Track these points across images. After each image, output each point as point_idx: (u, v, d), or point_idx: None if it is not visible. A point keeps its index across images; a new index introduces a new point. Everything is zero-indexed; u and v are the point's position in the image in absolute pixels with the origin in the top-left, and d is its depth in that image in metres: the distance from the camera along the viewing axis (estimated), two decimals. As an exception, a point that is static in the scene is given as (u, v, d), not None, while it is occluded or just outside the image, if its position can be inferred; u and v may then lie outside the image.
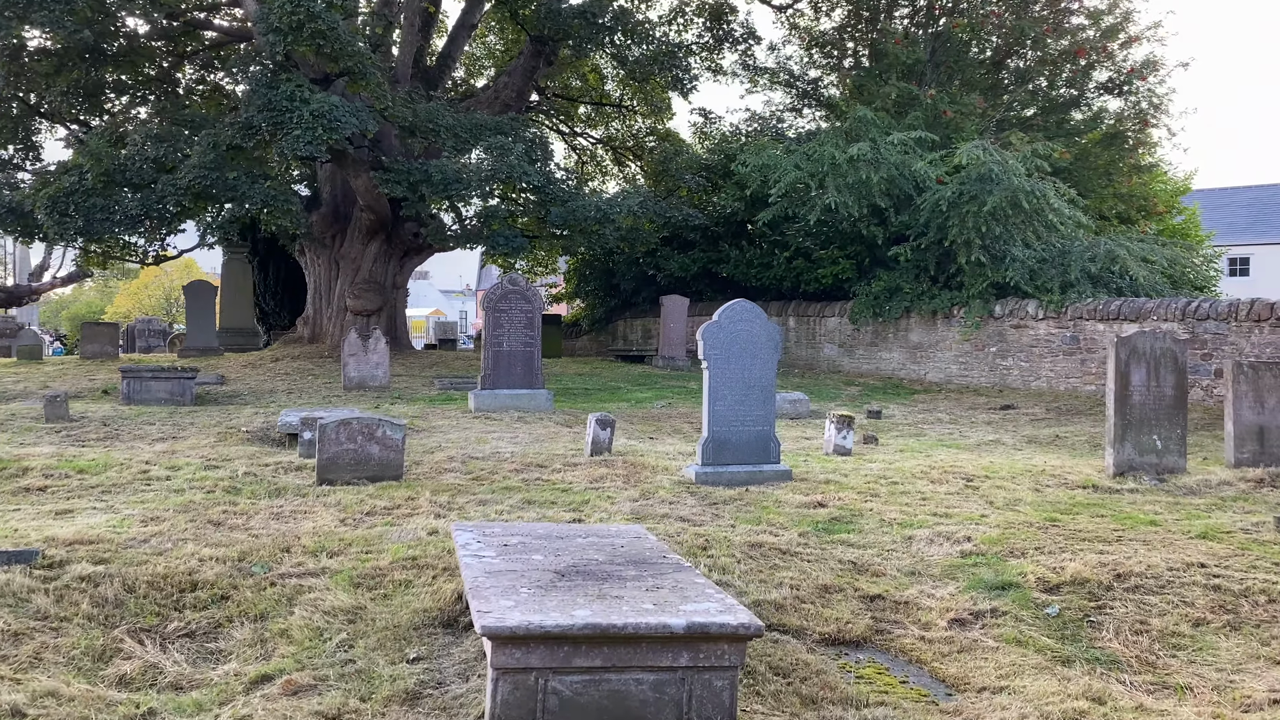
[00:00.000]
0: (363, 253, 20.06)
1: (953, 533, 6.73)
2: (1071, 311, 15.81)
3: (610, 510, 7.03)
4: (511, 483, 7.96)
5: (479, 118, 17.42)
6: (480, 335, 34.10)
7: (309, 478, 7.89)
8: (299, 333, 21.27)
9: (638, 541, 4.72)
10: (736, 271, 21.46)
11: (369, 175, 17.55)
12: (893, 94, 18.36)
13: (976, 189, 16.14)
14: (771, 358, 8.35)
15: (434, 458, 9.01)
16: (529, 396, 12.49)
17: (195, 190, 14.87)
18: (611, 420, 9.40)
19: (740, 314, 8.28)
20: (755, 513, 7.20)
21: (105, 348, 20.21)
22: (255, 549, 5.64)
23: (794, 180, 17.46)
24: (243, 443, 10.02)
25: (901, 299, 18.11)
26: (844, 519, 7.11)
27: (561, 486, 7.86)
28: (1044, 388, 16.20)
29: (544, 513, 6.93)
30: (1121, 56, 19.46)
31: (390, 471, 7.83)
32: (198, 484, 7.51)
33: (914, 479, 8.58)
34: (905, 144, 16.95)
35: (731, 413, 8.25)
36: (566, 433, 11.28)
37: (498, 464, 8.74)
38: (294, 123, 14.17)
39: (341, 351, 15.30)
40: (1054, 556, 6.24)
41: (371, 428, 7.74)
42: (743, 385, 8.27)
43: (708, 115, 23.14)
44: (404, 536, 6.04)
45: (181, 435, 10.49)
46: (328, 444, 7.68)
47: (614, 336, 26.12)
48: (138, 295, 65.37)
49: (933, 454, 10.39)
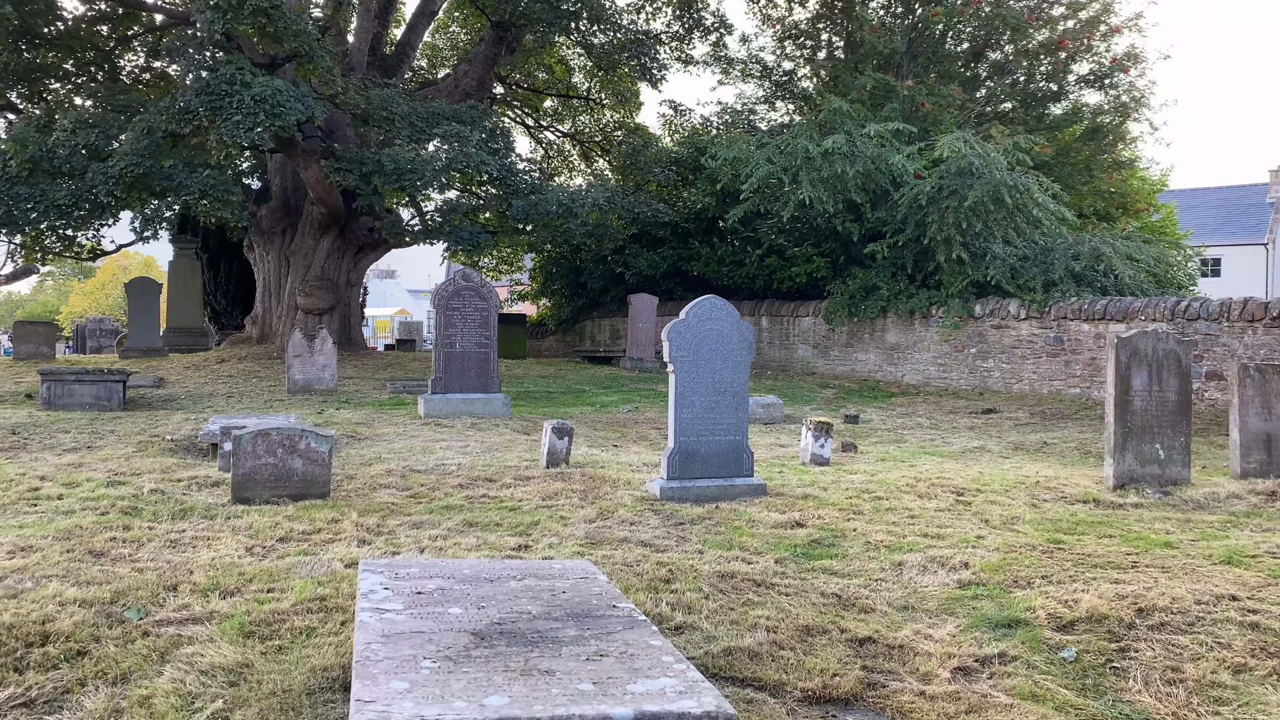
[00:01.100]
0: (314, 248, 19.07)
1: (948, 558, 5.96)
2: (1055, 311, 15.17)
3: (561, 534, 6.20)
4: (454, 500, 7.10)
5: (437, 106, 16.51)
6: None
7: (224, 495, 6.99)
8: (248, 333, 20.24)
9: (584, 584, 3.90)
10: (708, 270, 20.68)
11: (320, 166, 16.60)
12: (869, 85, 17.66)
13: (956, 183, 15.46)
14: (744, 359, 7.56)
15: (371, 471, 8.13)
16: (484, 401, 11.62)
17: (128, 180, 13.84)
18: (569, 429, 8.57)
19: (709, 312, 7.48)
20: (726, 535, 6.40)
21: (41, 348, 19.08)
22: (135, 588, 4.76)
23: (766, 174, 16.71)
24: (162, 454, 9.08)
25: (878, 298, 17.41)
26: (825, 541, 6.33)
27: (510, 505, 7.02)
28: (1026, 390, 15.55)
29: (485, 537, 6.08)
30: (1103, 48, 18.88)
31: (315, 489, 6.95)
32: (92, 504, 6.59)
33: (900, 493, 7.82)
34: (882, 136, 16.25)
35: (700, 421, 7.45)
36: (523, 441, 10.43)
37: (441, 478, 7.88)
38: (234, 107, 13.19)
39: (286, 352, 14.35)
40: (1064, 587, 5.49)
41: (294, 440, 6.86)
42: (713, 390, 7.47)
43: (677, 107, 22.32)
44: (315, 570, 5.17)
45: (97, 445, 9.53)
46: (244, 458, 6.79)
47: (581, 337, 25.26)
48: (94, 294, 63.69)
49: (916, 463, 9.65)
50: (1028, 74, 20.08)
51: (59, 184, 14.29)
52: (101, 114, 14.97)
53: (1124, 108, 19.01)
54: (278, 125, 13.39)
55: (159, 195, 14.14)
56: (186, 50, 14.07)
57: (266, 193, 19.67)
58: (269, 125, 13.24)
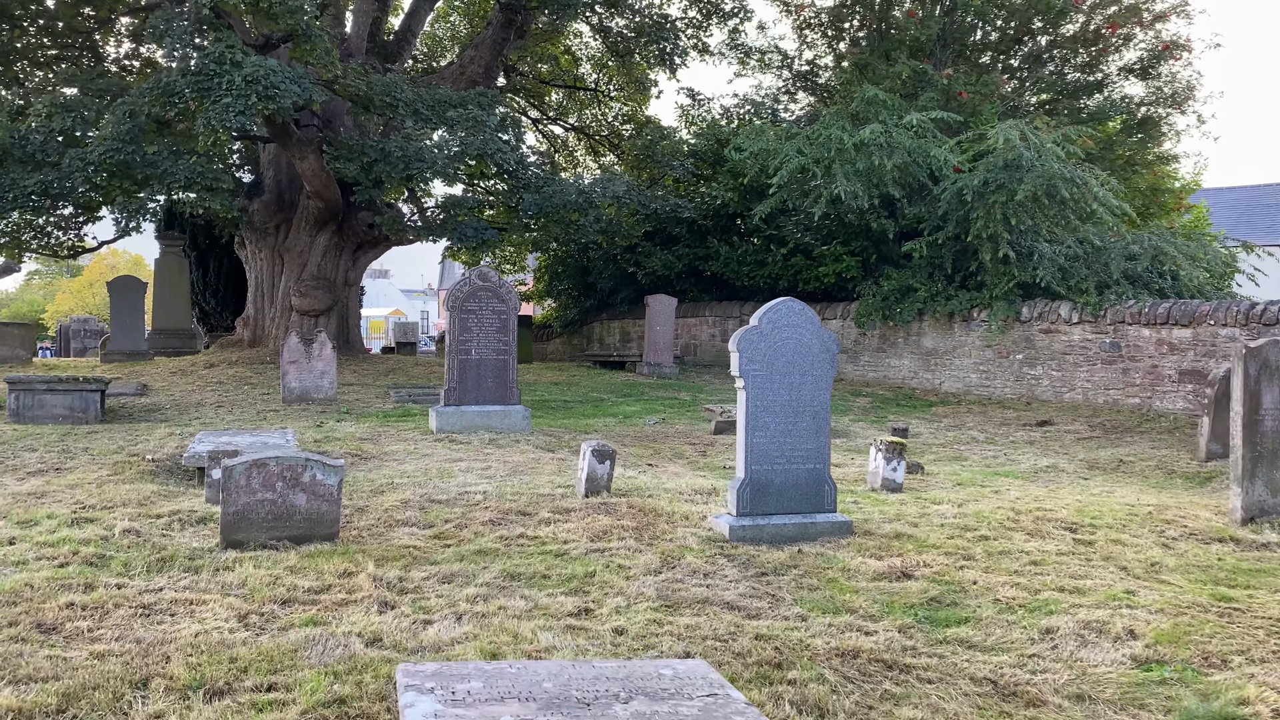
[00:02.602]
0: (310, 246, 17.88)
1: (1104, 622, 4.84)
2: (1111, 315, 14.07)
3: (626, 592, 5.05)
4: (486, 542, 5.94)
5: (443, 93, 15.34)
6: (443, 337, 31.91)
7: (212, 537, 5.82)
8: (239, 335, 19.02)
9: (714, 709, 2.74)
10: (727, 269, 19.54)
11: (317, 156, 15.41)
12: (904, 73, 16.52)
13: (1004, 177, 14.34)
14: (826, 373, 6.43)
15: (384, 501, 6.96)
16: (502, 414, 10.46)
17: (107, 167, 12.64)
18: (611, 452, 7.42)
19: (787, 317, 6.34)
20: (824, 591, 5.26)
21: (16, 351, 17.83)
22: (92, 687, 3.59)
23: (797, 167, 15.56)
24: (141, 478, 7.90)
25: (914, 300, 16.29)
26: (946, 599, 5.20)
27: (554, 548, 5.86)
28: (1079, 400, 14.45)
29: (534, 597, 4.93)
30: (1150, 35, 17.79)
31: (322, 529, 5.79)
32: (50, 552, 5.41)
33: (1004, 530, 6.69)
34: (923, 126, 15.12)
35: (775, 446, 6.31)
36: (549, 460, 9.28)
37: (467, 511, 6.72)
38: (223, 89, 11.99)
39: (281, 357, 13.17)
40: (1270, 667, 4.37)
41: (296, 471, 5.70)
42: (789, 410, 6.33)
43: (696, 96, 21.11)
44: (329, 653, 4.01)
45: (66, 467, 8.34)
46: (236, 493, 5.62)
47: (589, 339, 24.09)
48: (80, 293, 62.17)
49: (997, 487, 8.54)
50: (1063, 63, 18.98)
51: (31, 173, 13.08)
52: (80, 98, 13.75)
53: (1171, 98, 17.92)
54: (271, 108, 12.19)
55: (141, 184, 12.93)
56: (172, 28, 12.87)
57: (259, 186, 18.46)
58: (262, 108, 12.05)
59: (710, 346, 20.55)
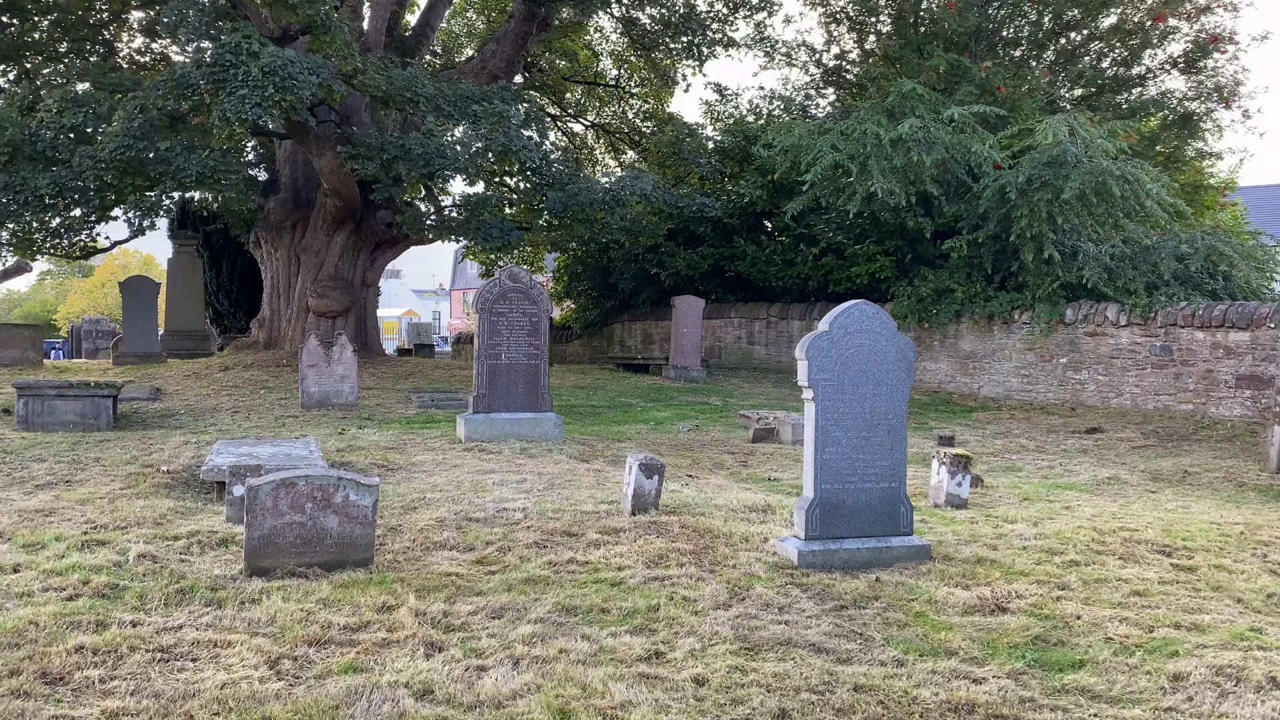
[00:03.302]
0: (327, 245, 17.40)
1: (1238, 667, 4.29)
2: (1162, 317, 13.49)
3: (699, 631, 4.52)
4: (534, 569, 5.43)
5: (465, 88, 14.84)
6: (460, 338, 31.33)
7: (235, 562, 5.32)
8: (253, 337, 18.56)
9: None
10: (754, 270, 19.00)
11: (334, 153, 14.92)
12: (940, 66, 15.95)
13: (1049, 174, 13.77)
14: (903, 383, 5.89)
15: (417, 519, 6.45)
16: (533, 422, 9.95)
17: (119, 164, 12.16)
18: (659, 467, 6.90)
19: (859, 322, 5.81)
20: (915, 628, 4.73)
21: (26, 353, 17.39)
22: (103, 755, 3.08)
23: (831, 163, 15.01)
24: (156, 491, 7.40)
25: (951, 301, 15.73)
26: (1052, 638, 4.66)
27: (609, 576, 5.34)
28: (1128, 406, 13.87)
29: (597, 637, 4.41)
30: (1194, 28, 17.18)
31: (355, 554, 5.28)
32: (58, 581, 4.91)
33: (1093, 554, 6.14)
34: (963, 121, 14.55)
35: (846, 463, 5.78)
36: (585, 471, 8.76)
37: (509, 531, 6.20)
38: (239, 80, 11.50)
39: (300, 361, 12.69)
40: None
41: (327, 491, 5.19)
42: (862, 423, 5.80)
43: (723, 91, 20.55)
44: (376, 712, 3.50)
45: (76, 479, 7.86)
46: (262, 515, 5.12)
47: (609, 341, 23.58)
48: (93, 293, 61.92)
49: (1069, 504, 7.98)
50: (1100, 57, 18.39)
51: (43, 172, 12.62)
52: (92, 93, 13.29)
53: (1215, 92, 17.31)
54: (290, 100, 11.70)
55: (153, 182, 12.46)
56: (186, 19, 12.39)
57: (275, 183, 17.99)
58: (279, 100, 11.55)
59: (736, 349, 20.02)
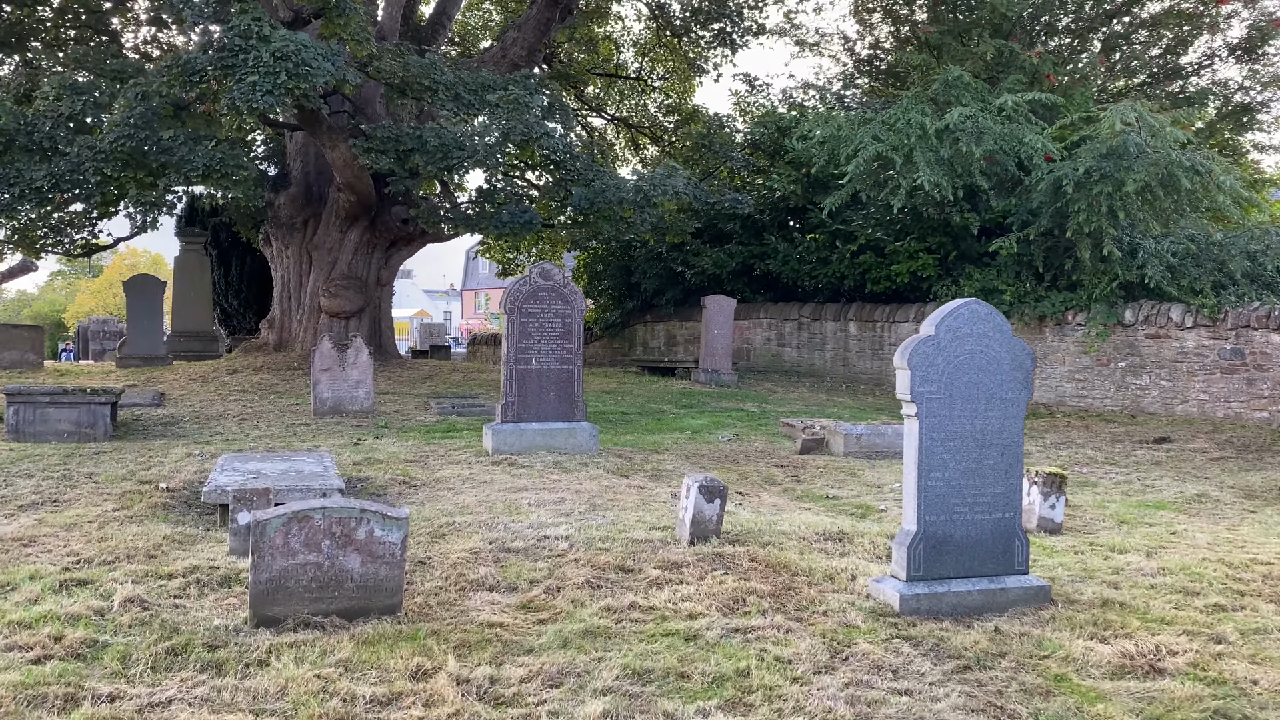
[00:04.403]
0: (340, 242, 16.61)
1: None
2: (1233, 318, 12.60)
3: (808, 707, 3.68)
4: (591, 616, 4.59)
5: (485, 76, 14.03)
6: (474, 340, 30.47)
7: (238, 609, 4.50)
8: (263, 338, 17.79)
9: None
10: (785, 268, 18.14)
11: (348, 145, 14.12)
12: (988, 53, 15.06)
13: (1109, 165, 12.88)
14: (1019, 396, 5.05)
15: (448, 550, 5.63)
16: (566, 432, 9.12)
17: (120, 155, 11.38)
18: (722, 489, 6.06)
19: (970, 324, 4.96)
20: (1064, 699, 3.88)
21: (26, 355, 16.63)
22: None
23: (874, 155, 14.15)
24: (153, 514, 6.60)
25: (999, 302, 14.83)
26: (1234, 712, 3.80)
27: (680, 626, 4.50)
28: (1194, 413, 12.97)
29: (682, 716, 3.57)
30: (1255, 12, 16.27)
31: (380, 599, 4.46)
32: (25, 637, 4.09)
33: (1234, 594, 5.27)
34: (1016, 110, 13.67)
35: (954, 490, 4.93)
36: (626, 488, 7.93)
37: (555, 566, 5.37)
38: (249, 65, 10.70)
39: (312, 364, 11.89)
40: None
41: (348, 527, 4.37)
42: (973, 444, 4.96)
43: (753, 82, 19.67)
44: (420, 842, 2.66)
45: (65, 498, 7.06)
46: (271, 555, 4.30)
47: (631, 343, 22.75)
48: (101, 293, 61.30)
49: (1175, 529, 7.12)
50: (1150, 44, 17.47)
51: (40, 164, 11.85)
52: (92, 80, 12.51)
53: (1276, 81, 16.38)
54: (303, 87, 10.90)
55: (156, 174, 11.68)
56: (191, 2, 11.61)
57: (285, 178, 17.21)
58: (292, 87, 10.75)
59: (765, 351, 19.16)
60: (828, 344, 17.95)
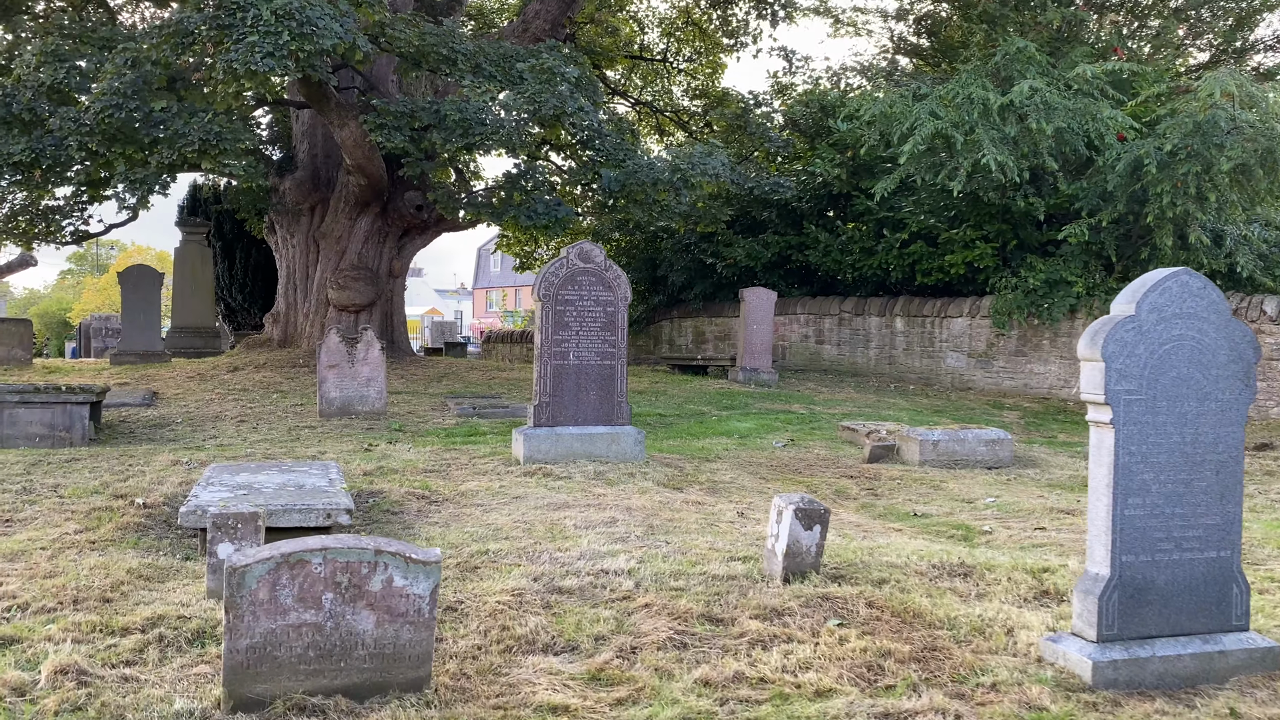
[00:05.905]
0: (350, 230, 15.46)
1: None
2: (1337, 311, 11.36)
3: None
4: (686, 696, 3.41)
5: (508, 47, 12.87)
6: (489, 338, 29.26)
7: (210, 683, 3.33)
8: (267, 334, 16.65)
9: None
10: (827, 259, 16.92)
11: (358, 123, 12.97)
12: (1054, 21, 13.82)
13: (1198, 142, 11.64)
14: (1239, 397, 3.85)
15: (484, 591, 4.45)
16: (609, 438, 7.94)
17: (106, 128, 10.24)
18: (822, 513, 4.87)
19: (1180, 302, 3.76)
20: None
21: (14, 351, 15.53)
22: None
23: (931, 133, 12.93)
24: (121, 538, 5.44)
25: (1067, 295, 13.63)
26: None
27: (810, 713, 3.31)
28: (1293, 417, 11.73)
29: None
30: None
31: (401, 671, 3.28)
32: (-95, 733, 2.93)
33: None
34: (1094, 82, 12.43)
35: (1157, 520, 3.73)
36: (683, 504, 6.75)
37: (622, 616, 4.19)
38: (248, 24, 9.56)
39: (318, 361, 10.74)
40: None
41: (359, 574, 3.19)
42: (1181, 459, 3.76)
43: (790, 58, 18.39)
44: None
45: (19, 518, 5.91)
46: (253, 613, 3.12)
47: (656, 340, 21.55)
48: (106, 290, 60.27)
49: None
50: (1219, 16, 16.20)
51: (19, 137, 10.73)
52: (76, 47, 11.37)
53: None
54: (308, 50, 9.74)
55: (147, 149, 10.54)
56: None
57: (291, 161, 16.07)
58: (296, 49, 9.59)
59: (802, 348, 17.95)
60: (871, 341, 16.73)
